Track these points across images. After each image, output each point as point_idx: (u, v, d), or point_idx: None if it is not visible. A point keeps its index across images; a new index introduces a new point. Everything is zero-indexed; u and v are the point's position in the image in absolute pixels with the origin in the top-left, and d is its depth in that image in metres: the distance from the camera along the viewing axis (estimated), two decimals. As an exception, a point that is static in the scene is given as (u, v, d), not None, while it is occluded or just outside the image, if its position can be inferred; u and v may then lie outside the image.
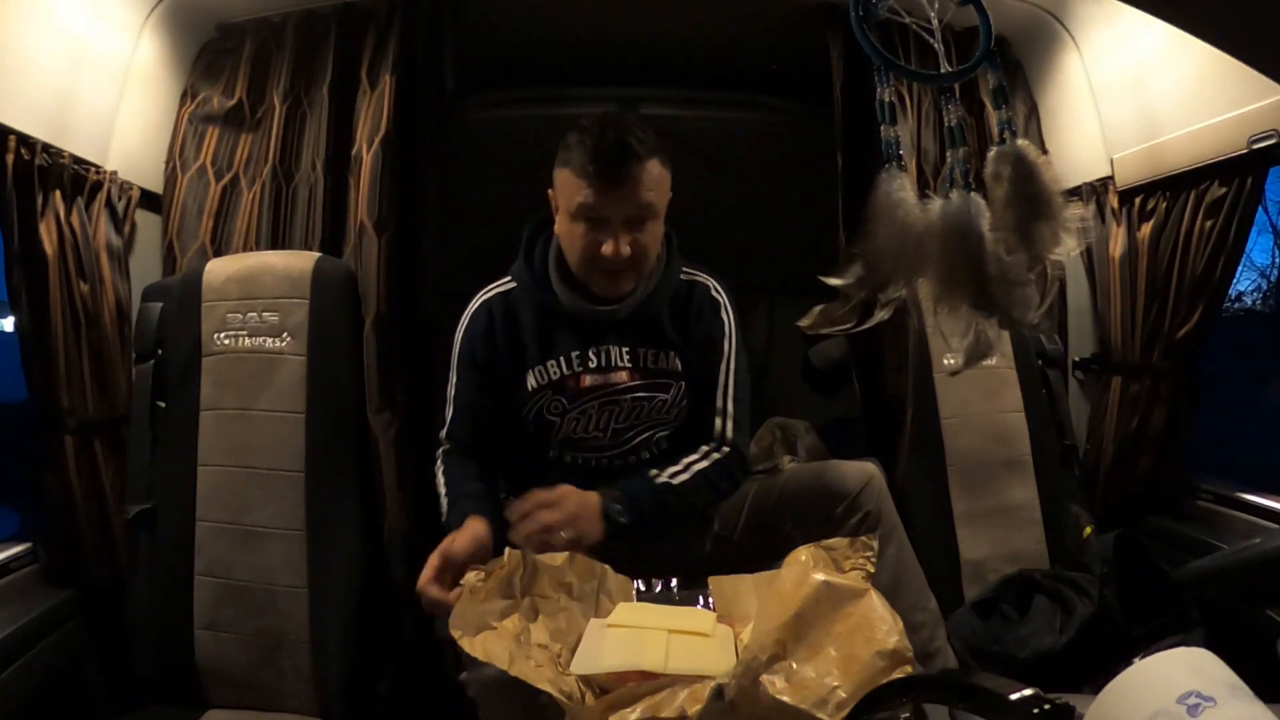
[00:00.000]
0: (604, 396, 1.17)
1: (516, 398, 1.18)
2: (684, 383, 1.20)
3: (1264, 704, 0.48)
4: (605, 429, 1.18)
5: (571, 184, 1.07)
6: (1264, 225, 4.52)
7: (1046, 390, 1.63)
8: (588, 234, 1.08)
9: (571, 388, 1.17)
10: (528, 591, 0.86)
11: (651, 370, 1.19)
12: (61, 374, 1.21)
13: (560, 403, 1.17)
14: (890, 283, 0.83)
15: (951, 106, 0.87)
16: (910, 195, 0.80)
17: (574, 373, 1.17)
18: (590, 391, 1.17)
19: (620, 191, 1.05)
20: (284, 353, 1.29)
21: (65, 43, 1.20)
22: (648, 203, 1.08)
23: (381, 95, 1.40)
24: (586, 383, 1.17)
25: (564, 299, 1.17)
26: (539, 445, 1.20)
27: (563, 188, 1.10)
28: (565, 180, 1.09)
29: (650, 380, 1.19)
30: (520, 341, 1.18)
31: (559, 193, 1.12)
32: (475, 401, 1.19)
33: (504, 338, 1.19)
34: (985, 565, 1.49)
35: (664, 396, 1.19)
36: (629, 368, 1.18)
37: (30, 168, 1.13)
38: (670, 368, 1.19)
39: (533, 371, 1.18)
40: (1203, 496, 1.50)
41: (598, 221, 1.08)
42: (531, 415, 1.18)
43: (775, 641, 0.69)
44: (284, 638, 1.22)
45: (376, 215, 1.37)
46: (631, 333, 1.18)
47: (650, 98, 1.96)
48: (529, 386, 1.18)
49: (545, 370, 1.17)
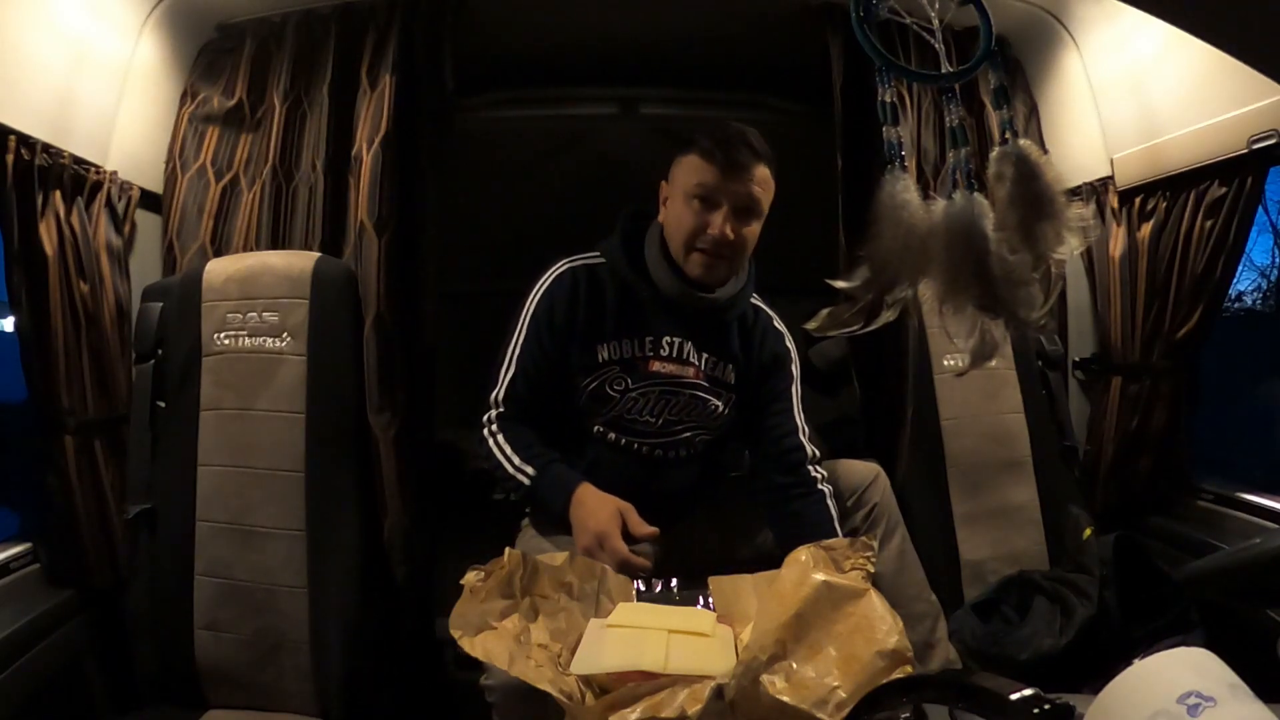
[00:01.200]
0: (667, 385, 1.22)
1: (582, 367, 1.20)
2: (735, 395, 1.26)
3: (1264, 704, 0.48)
4: (659, 416, 1.22)
5: (694, 166, 1.16)
6: (1264, 225, 4.52)
7: (1046, 391, 1.63)
8: (700, 213, 1.16)
9: (640, 369, 1.21)
10: (528, 591, 0.86)
11: (711, 376, 1.25)
12: (61, 374, 1.20)
13: (625, 380, 1.20)
14: (896, 284, 0.83)
15: (953, 107, 0.87)
16: (914, 196, 0.80)
17: (644, 355, 1.21)
18: (656, 377, 1.21)
19: (737, 177, 1.14)
20: (284, 353, 1.29)
21: (65, 43, 1.20)
22: (756, 196, 1.16)
23: (381, 95, 1.40)
24: (654, 367, 1.21)
25: (662, 281, 1.21)
26: (584, 420, 1.22)
27: (682, 171, 1.18)
28: (687, 164, 1.17)
29: (708, 383, 1.24)
30: (600, 314, 1.21)
31: (676, 177, 1.20)
32: (540, 363, 1.19)
33: (585, 306, 1.20)
34: (985, 566, 1.49)
35: (717, 403, 1.25)
36: (695, 365, 1.24)
37: (30, 168, 1.13)
38: (726, 378, 1.25)
39: (606, 345, 1.20)
40: (1203, 496, 1.50)
41: (711, 202, 1.15)
42: (592, 387, 1.20)
43: (775, 641, 0.69)
44: (284, 638, 1.22)
45: (376, 215, 1.37)
46: (703, 335, 1.24)
47: (650, 98, 1.97)
48: (600, 358, 1.20)
49: (619, 346, 1.21)
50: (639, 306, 1.22)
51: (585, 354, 1.20)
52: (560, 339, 1.20)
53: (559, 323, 1.20)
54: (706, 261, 1.18)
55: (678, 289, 1.20)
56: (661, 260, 1.21)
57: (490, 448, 1.17)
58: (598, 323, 1.21)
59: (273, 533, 1.24)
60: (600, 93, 1.96)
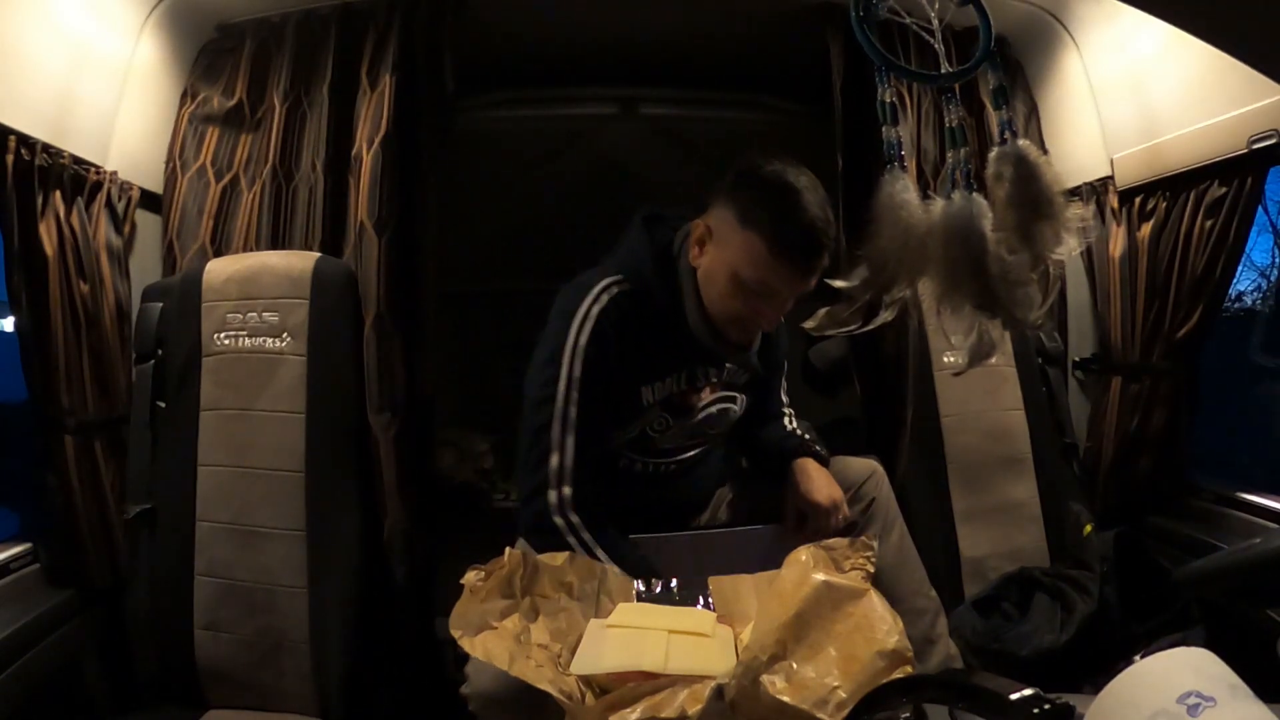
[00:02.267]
0: (701, 413, 1.17)
1: (627, 410, 1.10)
2: (747, 394, 1.23)
3: (1264, 704, 0.48)
4: (688, 439, 1.19)
5: (758, 257, 1.00)
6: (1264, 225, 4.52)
7: (1046, 388, 1.63)
8: (750, 301, 1.04)
9: (682, 405, 1.14)
10: (528, 591, 0.86)
11: (728, 384, 1.21)
12: (61, 374, 1.20)
13: (665, 419, 1.13)
14: (895, 283, 0.83)
15: (952, 107, 0.87)
16: (913, 196, 0.80)
17: (682, 389, 1.14)
18: (690, 409, 1.15)
19: (804, 279, 1.03)
20: (284, 353, 1.29)
21: (65, 43, 1.20)
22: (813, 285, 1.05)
23: (381, 95, 1.40)
24: (690, 400, 1.15)
25: (699, 332, 1.10)
26: (611, 456, 1.14)
27: (738, 250, 1.02)
28: (749, 246, 1.01)
29: (727, 392, 1.21)
30: (641, 350, 1.09)
31: (727, 247, 1.04)
32: (601, 422, 1.06)
33: (631, 343, 1.07)
34: (985, 563, 1.49)
35: (734, 409, 1.22)
36: (718, 383, 1.19)
37: (30, 168, 1.13)
38: (739, 381, 1.22)
39: (650, 386, 1.11)
40: (1203, 496, 1.50)
41: (767, 295, 1.03)
42: (634, 434, 1.12)
43: (775, 641, 0.69)
44: (284, 638, 1.22)
45: (376, 215, 1.37)
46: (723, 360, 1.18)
47: (650, 98, 1.97)
48: (644, 401, 1.11)
49: (663, 385, 1.12)
50: (677, 341, 1.11)
51: (630, 395, 1.10)
52: (610, 383, 1.07)
53: (612, 364, 1.06)
54: (745, 337, 1.11)
55: (714, 343, 1.11)
56: (700, 318, 1.09)
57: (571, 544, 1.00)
58: (643, 361, 1.10)
59: (273, 533, 1.24)
60: (600, 93, 1.96)
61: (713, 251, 1.06)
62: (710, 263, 1.07)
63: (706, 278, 1.08)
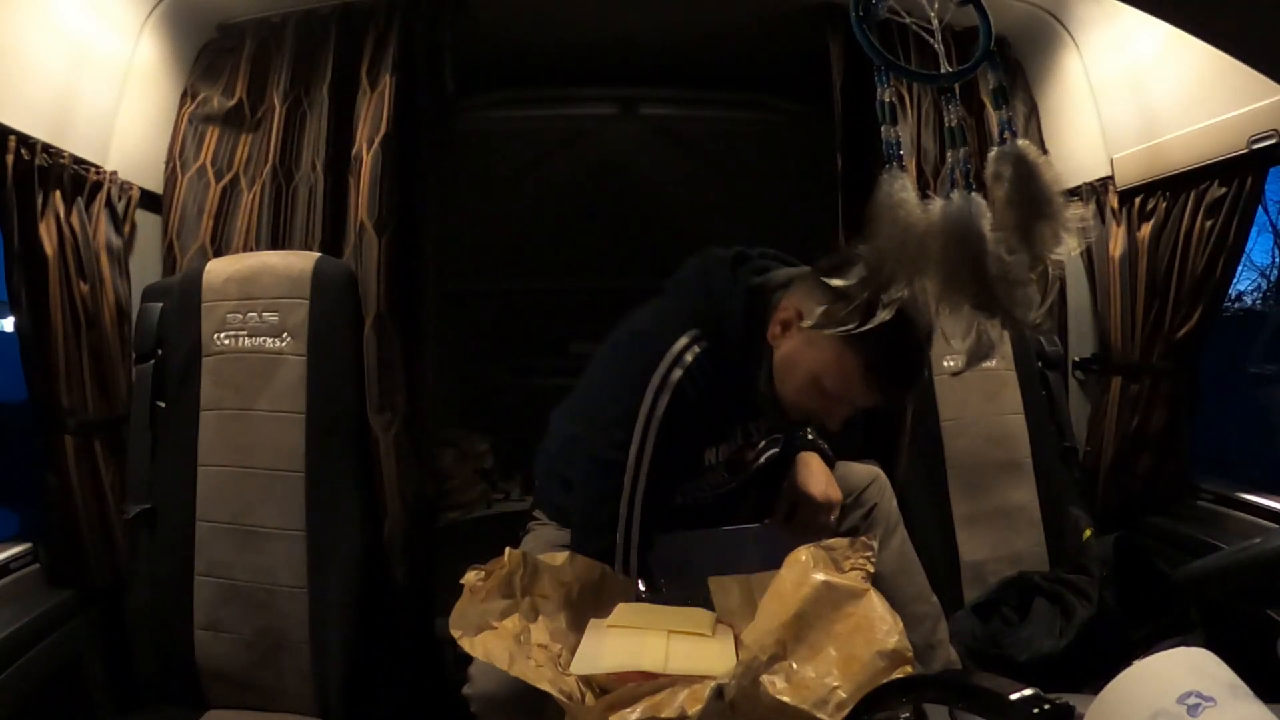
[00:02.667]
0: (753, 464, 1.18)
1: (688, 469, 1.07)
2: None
3: (1264, 704, 0.48)
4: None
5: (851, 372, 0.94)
6: (1264, 225, 4.52)
7: (1046, 392, 1.63)
8: (827, 403, 0.99)
9: (736, 462, 1.14)
10: (528, 591, 0.86)
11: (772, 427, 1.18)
12: (61, 374, 1.20)
13: (723, 477, 1.13)
14: (893, 283, 0.83)
15: (952, 107, 0.87)
16: (912, 196, 0.80)
17: (739, 446, 1.13)
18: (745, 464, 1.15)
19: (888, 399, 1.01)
20: (284, 353, 1.29)
21: (65, 43, 1.20)
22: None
23: (381, 95, 1.40)
24: (747, 455, 1.15)
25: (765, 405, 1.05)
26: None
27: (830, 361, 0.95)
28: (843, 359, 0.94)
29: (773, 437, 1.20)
30: (713, 416, 1.05)
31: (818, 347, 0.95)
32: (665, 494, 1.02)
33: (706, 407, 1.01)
34: (985, 567, 1.49)
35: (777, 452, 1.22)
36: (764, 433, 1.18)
37: (30, 168, 1.13)
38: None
39: (714, 449, 1.09)
40: (1203, 496, 1.50)
41: (846, 403, 0.99)
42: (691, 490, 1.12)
43: (775, 641, 0.69)
44: (284, 638, 1.22)
45: (376, 215, 1.37)
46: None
47: (650, 98, 1.97)
48: (706, 463, 1.09)
49: (726, 447, 1.11)
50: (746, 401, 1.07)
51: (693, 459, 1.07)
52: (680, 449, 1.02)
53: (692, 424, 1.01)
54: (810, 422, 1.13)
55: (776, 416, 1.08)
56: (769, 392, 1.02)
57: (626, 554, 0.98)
58: (708, 425, 1.06)
59: (273, 533, 1.24)
60: (600, 93, 1.96)
61: (798, 341, 0.98)
62: (792, 352, 0.99)
63: (785, 364, 1.00)
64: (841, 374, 0.95)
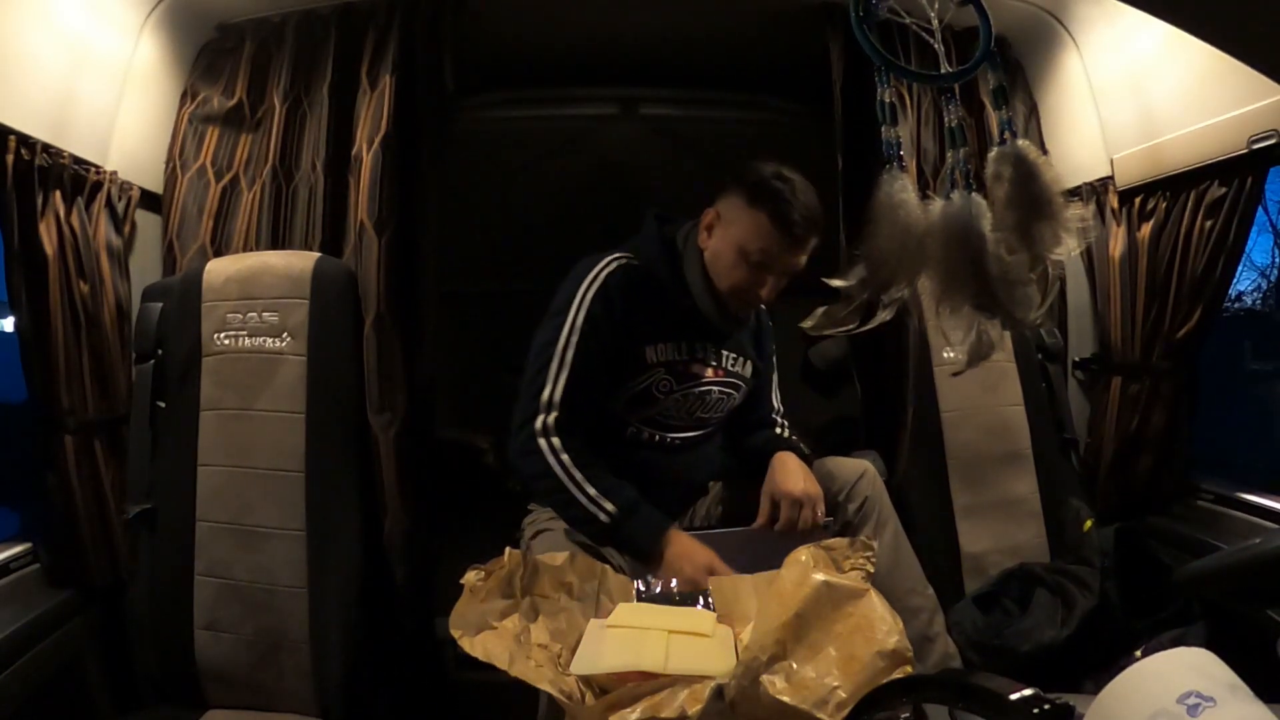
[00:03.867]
0: (702, 385, 1.28)
1: (632, 367, 1.22)
2: (748, 388, 1.35)
3: (1264, 704, 0.48)
4: (691, 415, 1.28)
5: (761, 230, 1.17)
6: (1264, 225, 4.53)
7: (1046, 384, 1.63)
8: (752, 273, 1.19)
9: (680, 371, 1.25)
10: (528, 591, 0.86)
11: (730, 372, 1.32)
12: (61, 374, 1.20)
13: (669, 383, 1.25)
14: (893, 283, 0.83)
15: (952, 107, 0.87)
16: (912, 196, 0.80)
17: (684, 358, 1.26)
18: (694, 379, 1.27)
19: (798, 251, 1.19)
20: (284, 353, 1.29)
21: (65, 43, 1.20)
22: (804, 263, 1.21)
23: (381, 95, 1.40)
24: (694, 370, 1.27)
25: (701, 301, 1.24)
26: (618, 419, 1.24)
27: (744, 226, 1.18)
28: (753, 223, 1.17)
29: (730, 379, 1.32)
30: (647, 315, 1.23)
31: (734, 225, 1.20)
32: (598, 366, 1.18)
33: (634, 307, 1.21)
34: (986, 559, 1.49)
35: (736, 396, 1.34)
36: (715, 365, 1.30)
37: (30, 168, 1.13)
38: (743, 372, 1.34)
39: (653, 347, 1.23)
40: (1203, 496, 1.49)
41: (766, 268, 1.19)
42: (639, 389, 1.23)
43: (775, 641, 0.69)
44: (284, 638, 1.22)
45: (376, 215, 1.37)
46: (723, 338, 1.31)
47: (650, 98, 1.97)
48: (648, 360, 1.23)
49: (665, 348, 1.24)
50: (681, 313, 1.25)
51: (634, 354, 1.22)
52: (613, 338, 1.20)
53: (617, 319, 1.20)
54: (744, 308, 1.26)
55: (717, 314, 1.25)
56: (705, 289, 1.24)
57: (551, 465, 1.11)
58: (646, 324, 1.23)
59: (273, 533, 1.24)
60: (600, 93, 1.96)
61: (720, 232, 1.22)
62: (717, 243, 1.22)
63: (714, 256, 1.22)
64: (758, 233, 1.17)
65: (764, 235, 1.16)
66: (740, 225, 1.19)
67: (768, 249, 1.17)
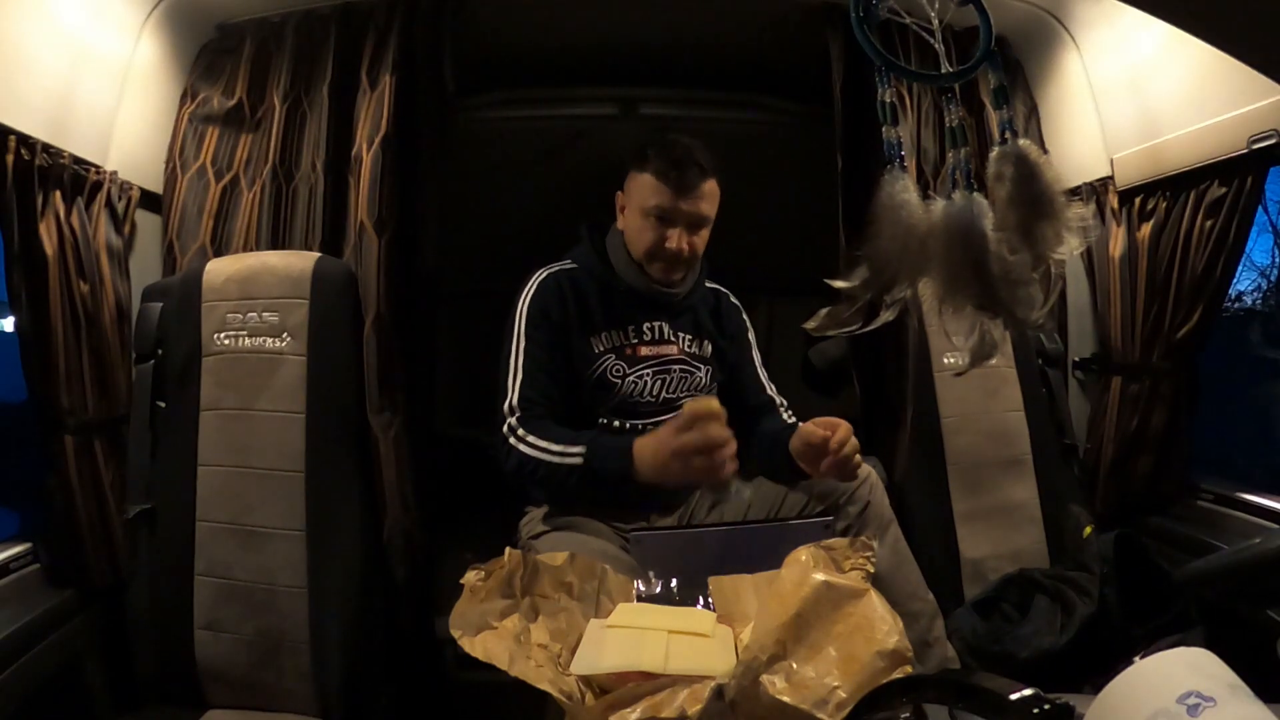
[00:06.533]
0: (657, 365, 1.34)
1: (582, 359, 1.30)
2: (713, 367, 1.40)
3: (1264, 704, 0.48)
4: (658, 395, 1.34)
5: (649, 186, 1.28)
6: (1264, 225, 4.52)
7: (1046, 389, 1.63)
8: (657, 229, 1.29)
9: (630, 354, 1.33)
10: (528, 591, 0.86)
11: (686, 351, 1.38)
12: (61, 374, 1.20)
13: (621, 367, 1.31)
14: (895, 284, 0.83)
15: (952, 107, 0.87)
16: (913, 196, 0.80)
17: (631, 342, 1.34)
18: (646, 360, 1.34)
19: (689, 197, 1.27)
20: (284, 353, 1.29)
21: (65, 43, 1.20)
22: (705, 211, 1.30)
23: (381, 95, 1.40)
24: (643, 351, 1.34)
25: (629, 278, 1.34)
26: (590, 412, 1.30)
27: (639, 190, 1.30)
28: (644, 184, 1.29)
29: (687, 357, 1.38)
30: (587, 310, 1.32)
31: (633, 194, 1.32)
32: (548, 360, 1.26)
33: (573, 304, 1.31)
34: (985, 564, 1.49)
35: (701, 374, 1.38)
36: (675, 343, 1.37)
37: (30, 168, 1.13)
38: (703, 353, 1.40)
39: (598, 336, 1.32)
40: (1203, 496, 1.50)
41: (667, 220, 1.28)
42: (595, 375, 1.30)
43: (775, 641, 0.69)
44: (284, 638, 1.22)
45: (376, 215, 1.37)
46: (676, 319, 1.38)
47: (650, 98, 1.97)
48: (595, 349, 1.31)
49: (610, 335, 1.32)
50: (618, 301, 1.34)
51: (583, 346, 1.30)
52: (558, 334, 1.29)
53: (555, 320, 1.29)
54: (666, 270, 1.32)
55: (645, 286, 1.34)
56: (628, 264, 1.34)
57: (522, 451, 1.17)
58: (587, 318, 1.32)
59: (273, 533, 1.24)
60: (600, 93, 1.96)
61: (627, 207, 1.34)
62: (627, 217, 1.34)
63: (627, 229, 1.34)
64: (648, 190, 1.28)
65: (654, 190, 1.27)
66: (636, 191, 1.30)
67: (662, 202, 1.26)
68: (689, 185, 1.26)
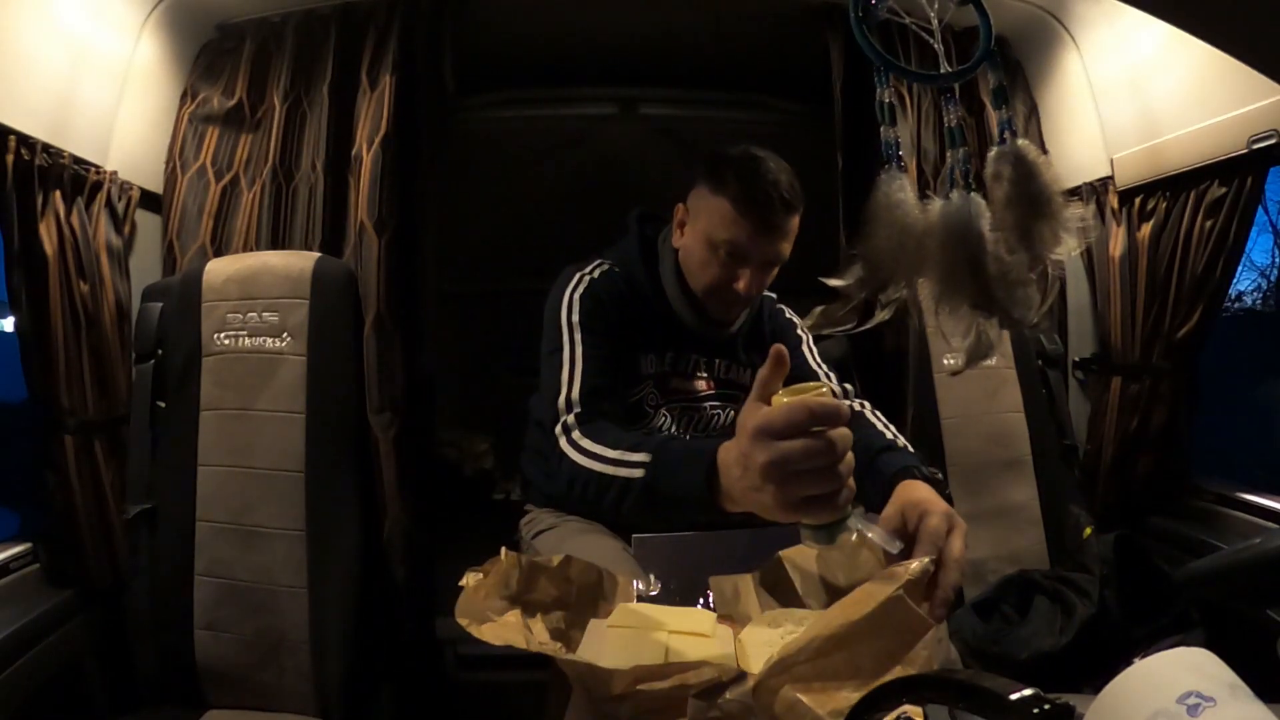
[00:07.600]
0: (685, 402, 1.18)
1: (627, 377, 1.12)
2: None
3: (1264, 704, 0.48)
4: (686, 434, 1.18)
5: (726, 216, 1.06)
6: (1264, 225, 4.53)
7: (1046, 390, 1.63)
8: (726, 266, 1.08)
9: (665, 385, 1.17)
10: (525, 592, 0.86)
11: (723, 380, 1.21)
12: (61, 374, 1.20)
13: (655, 396, 1.15)
14: (891, 283, 0.83)
15: (951, 107, 0.87)
16: (910, 196, 0.80)
17: (667, 371, 1.17)
18: (679, 395, 1.18)
19: (772, 237, 1.06)
20: (284, 353, 1.29)
21: (65, 43, 1.20)
22: (785, 252, 1.09)
23: (381, 95, 1.40)
24: (675, 385, 1.18)
25: (677, 306, 1.15)
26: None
27: (710, 215, 1.08)
28: (718, 210, 1.07)
29: (723, 390, 1.21)
30: (629, 323, 1.12)
31: (701, 217, 1.10)
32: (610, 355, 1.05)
33: (619, 312, 1.11)
34: (985, 565, 1.49)
35: (731, 410, 1.20)
36: (705, 376, 1.20)
37: (30, 168, 1.13)
38: (741, 380, 1.22)
39: (644, 357, 1.15)
40: (1203, 496, 1.50)
41: (739, 259, 1.07)
42: (632, 402, 1.12)
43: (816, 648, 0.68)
44: (284, 638, 1.22)
45: (376, 215, 1.37)
46: (710, 344, 1.20)
47: (650, 98, 1.97)
48: (641, 370, 1.14)
49: (652, 360, 1.16)
50: (660, 322, 1.16)
51: (630, 361, 1.13)
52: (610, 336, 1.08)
53: (611, 320, 1.09)
54: (727, 309, 1.14)
55: (696, 322, 1.16)
56: (680, 293, 1.14)
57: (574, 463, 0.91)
58: (634, 332, 1.13)
59: (273, 533, 1.24)
60: (600, 93, 1.96)
61: (690, 228, 1.13)
62: (688, 239, 1.13)
63: (686, 254, 1.13)
64: (723, 221, 1.05)
65: (731, 222, 1.05)
66: (706, 215, 1.08)
67: (736, 238, 1.05)
68: (774, 224, 1.05)
